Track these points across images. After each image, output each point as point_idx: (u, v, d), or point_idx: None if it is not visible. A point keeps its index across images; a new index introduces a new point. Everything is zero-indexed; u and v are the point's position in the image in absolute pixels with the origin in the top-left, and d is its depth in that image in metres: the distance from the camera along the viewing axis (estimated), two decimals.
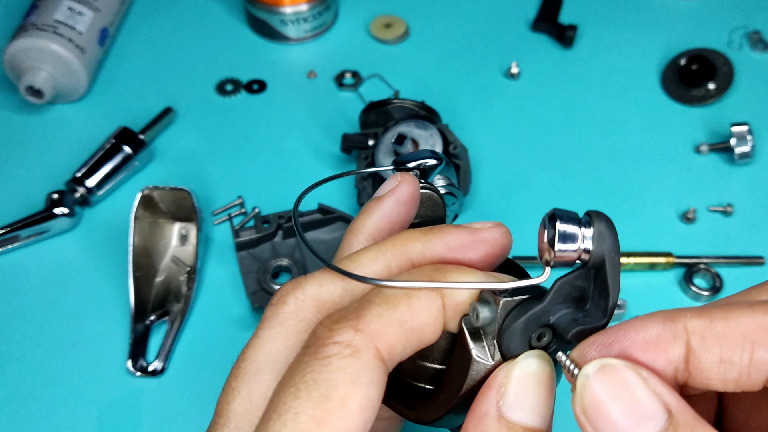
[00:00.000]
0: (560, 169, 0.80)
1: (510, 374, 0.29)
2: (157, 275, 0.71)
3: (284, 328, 0.31)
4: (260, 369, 0.30)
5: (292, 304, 0.31)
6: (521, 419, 0.28)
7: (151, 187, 0.70)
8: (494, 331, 0.30)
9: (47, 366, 0.67)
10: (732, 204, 0.75)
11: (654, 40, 0.91)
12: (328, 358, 0.27)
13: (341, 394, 0.26)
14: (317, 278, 0.32)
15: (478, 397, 0.29)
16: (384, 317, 0.28)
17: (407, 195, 0.36)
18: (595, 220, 0.29)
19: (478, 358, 0.30)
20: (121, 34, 0.94)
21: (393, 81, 0.87)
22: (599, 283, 0.29)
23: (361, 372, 0.27)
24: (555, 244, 0.29)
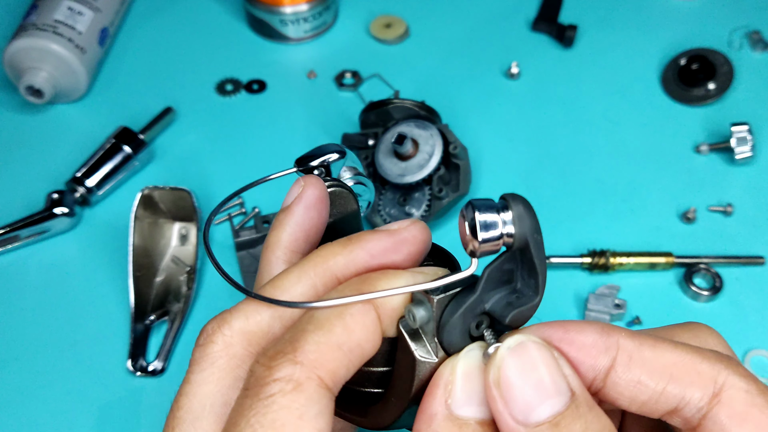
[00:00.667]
0: (560, 169, 0.80)
1: (455, 370, 0.29)
2: (157, 275, 0.71)
3: (216, 368, 0.30)
4: (197, 416, 0.30)
5: (221, 341, 0.30)
6: (472, 414, 0.28)
7: (151, 187, 0.70)
8: (433, 330, 0.30)
9: (47, 366, 0.66)
10: (732, 204, 0.75)
11: (654, 40, 0.91)
12: (270, 398, 0.26)
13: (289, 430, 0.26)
14: (242, 310, 0.31)
15: (426, 397, 0.29)
16: (321, 344, 0.27)
17: (314, 198, 0.35)
18: (512, 203, 0.29)
19: (421, 358, 0.30)
20: (121, 34, 0.94)
21: (393, 81, 0.87)
22: (526, 264, 0.30)
23: (307, 406, 0.26)
24: (477, 234, 0.28)
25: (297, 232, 0.35)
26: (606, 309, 0.67)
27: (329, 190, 0.37)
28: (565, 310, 0.69)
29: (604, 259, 0.70)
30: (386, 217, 0.74)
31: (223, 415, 0.29)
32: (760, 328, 0.68)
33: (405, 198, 0.74)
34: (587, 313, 0.67)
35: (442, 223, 0.75)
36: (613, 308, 0.67)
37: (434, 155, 0.71)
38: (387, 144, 0.73)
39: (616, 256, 0.70)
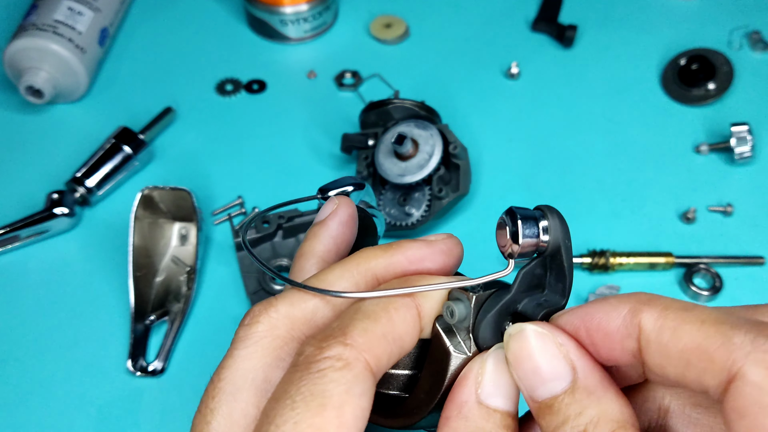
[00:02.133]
0: (560, 169, 0.80)
1: (485, 364, 0.31)
2: (157, 275, 0.71)
3: (260, 346, 0.31)
4: (238, 388, 0.31)
5: (266, 322, 0.32)
6: (499, 404, 0.30)
7: (151, 187, 0.70)
8: (468, 326, 0.32)
9: (47, 366, 0.67)
10: (732, 204, 0.75)
11: (654, 40, 0.91)
12: (321, 371, 0.28)
13: (337, 404, 0.27)
14: (288, 298, 0.32)
15: (456, 387, 0.31)
16: (369, 331, 0.30)
17: (347, 216, 0.38)
18: (549, 213, 0.32)
19: (456, 352, 0.32)
20: (121, 34, 0.94)
21: (393, 81, 0.87)
22: (555, 269, 0.32)
23: (354, 383, 0.28)
24: (519, 239, 0.31)
25: (329, 244, 0.37)
26: None
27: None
28: None
29: (604, 259, 0.70)
30: (386, 217, 0.74)
31: (263, 390, 0.31)
32: None
33: (405, 198, 0.74)
34: None
35: (442, 223, 0.75)
36: None
37: (434, 155, 0.71)
38: (387, 144, 0.73)
39: (616, 256, 0.70)
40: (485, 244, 0.74)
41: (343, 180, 0.41)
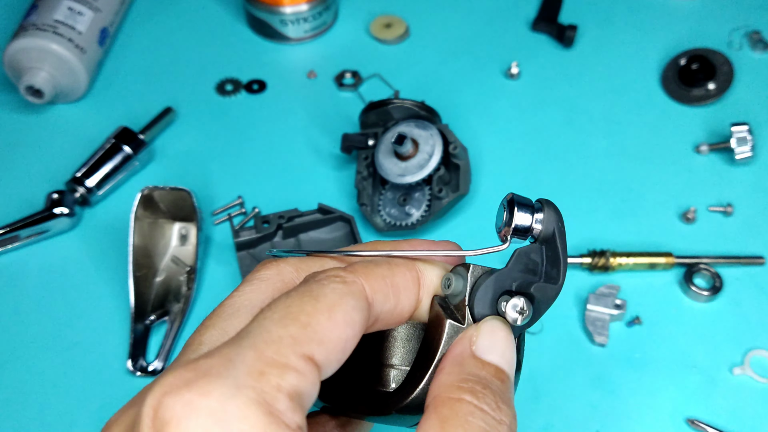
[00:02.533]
0: (560, 169, 0.80)
1: (479, 328, 0.33)
2: (157, 275, 0.71)
3: (265, 284, 0.34)
4: (238, 310, 0.32)
5: (274, 268, 0.34)
6: (493, 360, 0.32)
7: (151, 187, 0.70)
8: (464, 299, 0.33)
9: (47, 366, 0.66)
10: (732, 204, 0.75)
11: (654, 40, 0.91)
12: (318, 282, 0.30)
13: (330, 302, 0.29)
14: (299, 258, 0.36)
15: (453, 345, 0.33)
16: (368, 268, 0.32)
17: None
18: (544, 204, 0.36)
19: (451, 321, 0.33)
20: (121, 34, 0.94)
21: (393, 81, 0.87)
22: (550, 256, 0.35)
23: (349, 295, 0.30)
24: (513, 221, 0.35)
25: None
26: (606, 309, 0.67)
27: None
28: (565, 309, 0.69)
29: (604, 259, 0.70)
30: (386, 217, 0.74)
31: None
32: (760, 328, 0.68)
33: (405, 198, 0.74)
34: (587, 314, 0.67)
35: (442, 223, 0.75)
36: (613, 308, 0.67)
37: (434, 155, 0.71)
38: (387, 144, 0.73)
39: (616, 256, 0.70)
40: (485, 243, 0.74)
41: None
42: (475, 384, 0.31)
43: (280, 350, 0.27)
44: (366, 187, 0.75)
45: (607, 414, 0.63)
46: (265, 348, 0.27)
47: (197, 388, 0.25)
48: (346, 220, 0.71)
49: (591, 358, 0.66)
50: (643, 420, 0.63)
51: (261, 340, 0.27)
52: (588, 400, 0.64)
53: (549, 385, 0.64)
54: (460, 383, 0.31)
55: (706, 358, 0.66)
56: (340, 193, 0.78)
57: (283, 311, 0.28)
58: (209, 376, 0.25)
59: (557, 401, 0.64)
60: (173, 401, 0.25)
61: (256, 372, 0.26)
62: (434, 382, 0.32)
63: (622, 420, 0.63)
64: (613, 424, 0.62)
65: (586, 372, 0.66)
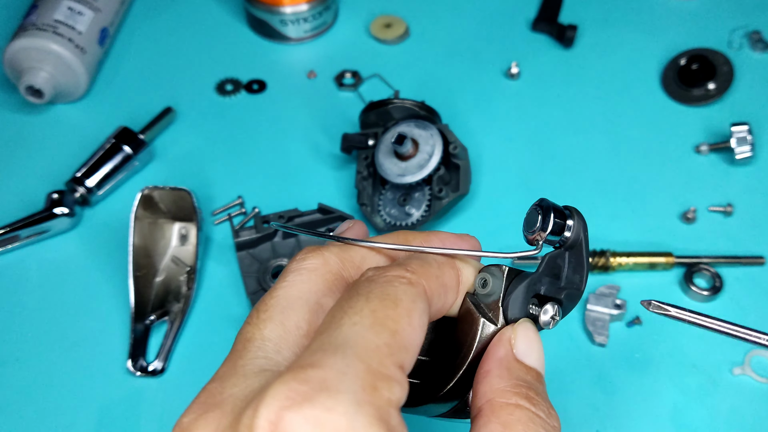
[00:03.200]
0: (560, 169, 0.80)
1: (516, 331, 0.34)
2: (157, 275, 0.71)
3: (314, 275, 0.33)
4: (291, 304, 0.32)
5: (319, 257, 0.34)
6: (532, 363, 0.34)
7: (151, 187, 0.70)
8: (496, 300, 0.35)
9: (47, 366, 0.66)
10: (732, 204, 0.75)
11: (654, 40, 0.91)
12: (389, 282, 0.30)
13: (407, 306, 0.29)
14: (337, 245, 0.35)
15: (492, 348, 0.34)
16: (425, 267, 0.33)
17: (363, 231, 0.41)
18: (574, 212, 0.37)
19: (486, 322, 0.35)
20: (121, 34, 0.94)
21: (393, 81, 0.87)
22: (573, 262, 0.37)
23: (418, 297, 0.30)
24: (548, 228, 0.36)
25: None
26: (606, 309, 0.67)
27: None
28: None
29: (604, 259, 0.70)
30: (386, 217, 0.74)
31: (315, 311, 0.32)
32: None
33: (405, 198, 0.74)
34: (587, 314, 0.67)
35: (442, 223, 0.75)
36: (613, 308, 0.67)
37: (434, 155, 0.71)
38: (387, 144, 0.73)
39: (616, 256, 0.70)
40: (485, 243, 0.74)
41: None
42: (528, 390, 0.32)
43: (383, 362, 0.27)
44: (366, 187, 0.75)
45: (607, 414, 0.63)
46: (370, 359, 0.26)
47: (320, 404, 0.25)
48: (346, 220, 0.71)
49: (591, 358, 0.66)
50: (643, 420, 0.63)
51: (363, 349, 0.27)
52: (588, 400, 0.64)
53: (549, 385, 0.64)
54: (513, 388, 0.32)
55: (706, 358, 0.66)
56: (340, 193, 0.78)
57: (370, 317, 0.28)
58: (328, 390, 0.25)
59: (557, 401, 0.64)
60: (297, 417, 0.24)
61: (369, 387, 0.26)
62: (484, 384, 0.33)
63: (622, 420, 0.63)
64: (613, 424, 0.62)
65: (586, 372, 0.66)
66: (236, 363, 0.30)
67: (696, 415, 0.63)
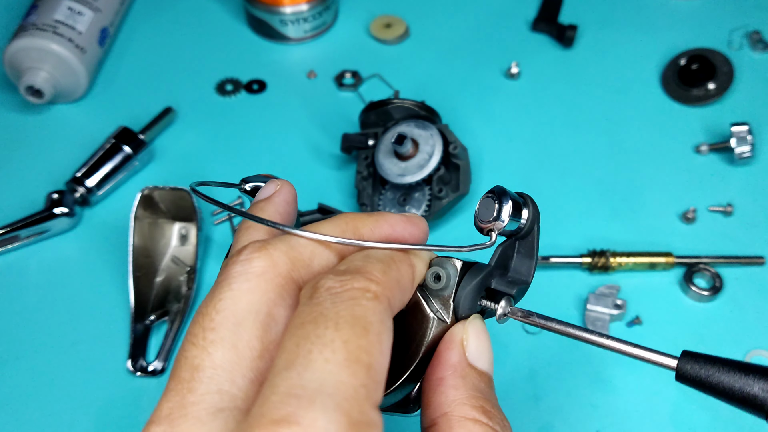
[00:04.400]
0: (560, 169, 0.80)
1: (467, 331, 0.33)
2: (157, 275, 0.71)
3: (263, 280, 0.29)
4: (242, 320, 0.28)
5: (266, 259, 0.30)
6: (484, 368, 0.33)
7: (151, 187, 0.70)
8: (448, 295, 0.34)
9: (47, 366, 0.66)
10: (732, 204, 0.75)
11: (654, 40, 0.91)
12: (355, 300, 0.27)
13: (377, 330, 0.27)
14: (284, 240, 0.31)
15: (444, 350, 0.33)
16: (386, 273, 0.30)
17: (291, 196, 0.38)
18: (528, 200, 0.36)
19: (436, 318, 0.34)
20: (121, 34, 0.94)
21: (393, 81, 0.87)
22: (523, 251, 0.36)
23: (385, 314, 0.28)
24: (505, 219, 0.34)
25: (275, 218, 0.37)
26: (606, 309, 0.67)
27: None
28: (565, 310, 0.69)
29: (604, 259, 0.70)
30: None
31: (267, 325, 0.29)
32: (760, 328, 0.68)
33: (405, 198, 0.74)
34: (587, 314, 0.67)
35: (442, 223, 0.75)
36: (613, 308, 0.67)
37: (434, 155, 0.71)
38: (387, 144, 0.73)
39: (616, 256, 0.70)
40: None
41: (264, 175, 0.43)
42: (484, 402, 0.32)
43: (363, 408, 0.25)
44: (366, 187, 0.75)
45: (607, 414, 0.63)
46: (351, 409, 0.24)
47: None
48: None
49: (591, 358, 0.66)
50: (643, 420, 0.63)
51: (342, 398, 0.24)
52: (588, 400, 0.64)
53: (549, 385, 0.64)
54: (469, 401, 0.31)
55: None
56: (340, 193, 0.78)
57: (343, 350, 0.25)
58: None
59: (557, 401, 0.64)
60: None
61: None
62: (438, 394, 0.32)
63: (622, 420, 0.63)
64: (613, 424, 0.62)
65: (586, 372, 0.66)
66: (185, 399, 0.27)
67: (696, 415, 0.63)
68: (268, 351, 0.28)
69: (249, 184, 0.43)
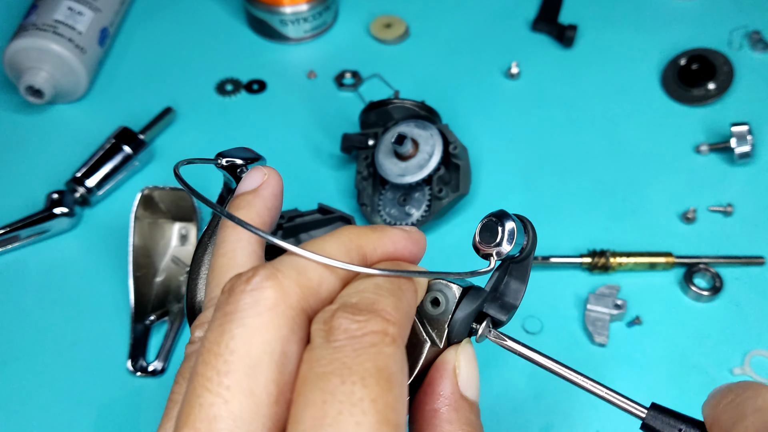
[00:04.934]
0: (560, 169, 0.80)
1: (459, 358, 0.33)
2: (157, 275, 0.71)
3: (275, 315, 0.27)
4: (257, 362, 0.26)
5: (277, 289, 0.28)
6: (472, 396, 0.33)
7: (151, 187, 0.70)
8: (444, 319, 0.33)
9: (47, 366, 0.66)
10: (732, 204, 0.75)
11: (654, 40, 0.91)
12: (375, 347, 0.26)
13: (399, 381, 0.26)
14: (292, 264, 0.29)
15: (437, 378, 0.33)
16: (399, 309, 0.28)
17: (279, 187, 0.36)
18: (529, 225, 0.35)
19: (430, 343, 0.33)
20: (121, 34, 0.94)
21: (393, 81, 0.87)
22: (516, 275, 0.36)
23: (403, 361, 0.27)
24: (509, 245, 0.34)
25: (265, 216, 0.35)
26: (606, 309, 0.67)
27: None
28: (565, 310, 0.69)
29: (604, 259, 0.70)
30: (386, 217, 0.74)
31: (282, 365, 0.27)
32: (760, 328, 0.68)
33: (405, 198, 0.74)
34: (587, 314, 0.67)
35: (442, 223, 0.75)
36: (613, 308, 0.67)
37: (434, 155, 0.71)
38: (387, 144, 0.73)
39: (616, 256, 0.70)
40: None
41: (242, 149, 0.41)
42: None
43: None
44: (366, 187, 0.75)
45: (608, 414, 0.63)
46: None
47: None
48: (346, 220, 0.71)
49: (591, 358, 0.66)
50: None
51: None
52: (588, 400, 0.64)
53: (549, 385, 0.64)
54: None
55: (706, 358, 0.66)
56: (340, 193, 0.78)
57: (372, 410, 0.24)
58: None
59: (557, 401, 0.64)
60: None
61: None
62: (432, 427, 0.32)
63: (622, 420, 0.63)
64: (613, 424, 0.62)
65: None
66: None
67: (696, 416, 0.63)
68: (284, 394, 0.26)
69: (225, 158, 0.40)
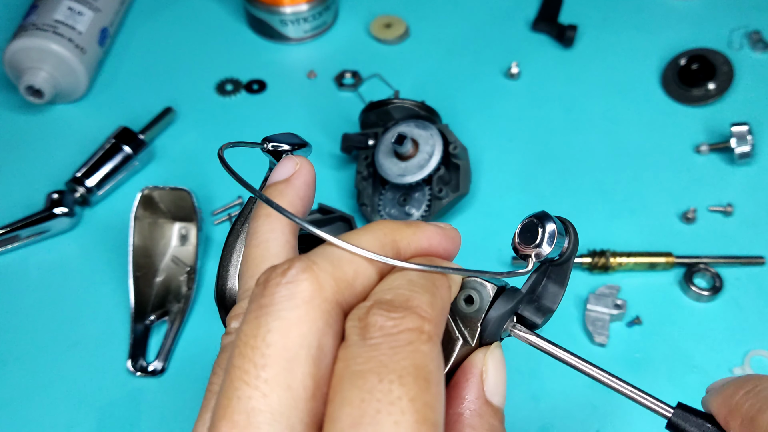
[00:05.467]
0: (560, 169, 0.80)
1: (487, 362, 0.32)
2: (157, 275, 0.71)
3: (311, 308, 0.27)
4: (294, 356, 0.26)
5: (312, 282, 0.27)
6: (499, 403, 0.32)
7: (151, 187, 0.70)
8: (477, 318, 0.33)
9: (47, 366, 0.66)
10: (732, 204, 0.75)
11: (654, 40, 0.91)
12: (412, 344, 0.26)
13: (437, 380, 0.26)
14: (328, 256, 0.29)
15: (463, 382, 0.32)
16: (434, 306, 0.28)
17: (312, 177, 0.36)
18: (570, 228, 0.35)
19: (462, 342, 0.33)
20: (121, 34, 0.94)
21: (393, 81, 0.87)
22: (554, 278, 0.35)
23: (439, 358, 0.27)
24: (549, 247, 0.33)
25: (298, 206, 0.35)
26: (606, 309, 0.67)
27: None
28: (565, 310, 0.69)
29: (604, 259, 0.70)
30: (386, 217, 0.74)
31: (318, 359, 0.27)
32: (760, 328, 0.68)
33: (405, 198, 0.74)
34: (587, 314, 0.67)
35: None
36: (613, 308, 0.67)
37: (434, 155, 0.71)
38: (387, 144, 0.73)
39: (616, 256, 0.70)
40: (485, 243, 0.74)
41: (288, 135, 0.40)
42: None
43: None
44: (366, 187, 0.75)
45: (607, 414, 0.63)
46: None
47: None
48: (346, 220, 0.71)
49: (591, 358, 0.66)
50: (643, 420, 0.63)
51: None
52: (588, 400, 0.64)
53: (549, 385, 0.64)
54: None
55: (706, 358, 0.66)
56: (340, 193, 0.78)
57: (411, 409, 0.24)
58: None
59: (557, 401, 0.64)
60: None
61: None
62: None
63: (622, 420, 0.63)
64: (613, 424, 0.62)
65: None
66: None
67: None
68: (320, 389, 0.26)
69: (271, 143, 0.40)
